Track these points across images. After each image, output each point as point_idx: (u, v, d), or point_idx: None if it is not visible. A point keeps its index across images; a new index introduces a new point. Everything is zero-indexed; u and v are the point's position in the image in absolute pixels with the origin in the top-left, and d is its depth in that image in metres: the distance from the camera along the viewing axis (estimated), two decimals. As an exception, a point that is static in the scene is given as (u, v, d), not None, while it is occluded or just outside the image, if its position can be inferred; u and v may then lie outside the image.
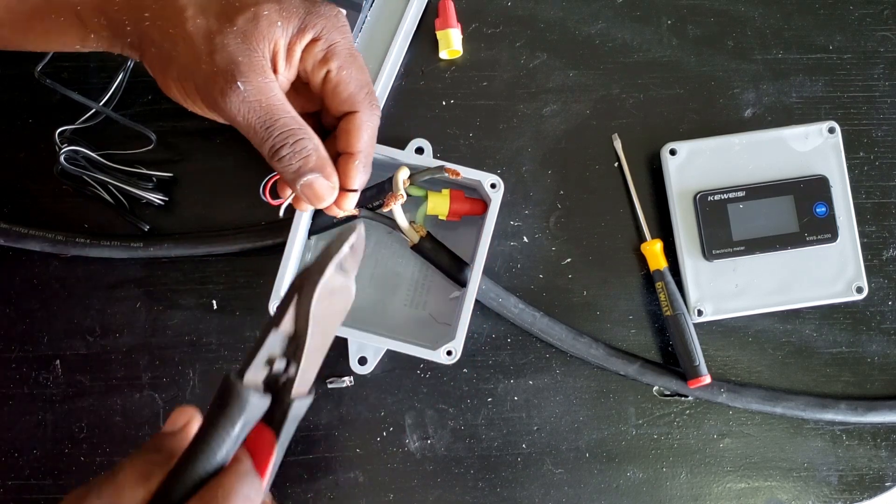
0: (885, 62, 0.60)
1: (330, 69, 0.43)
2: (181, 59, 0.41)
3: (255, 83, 0.41)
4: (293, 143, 0.42)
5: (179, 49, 0.41)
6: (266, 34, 0.41)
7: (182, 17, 0.40)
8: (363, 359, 0.55)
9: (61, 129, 0.54)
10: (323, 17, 0.43)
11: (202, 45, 0.40)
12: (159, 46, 0.41)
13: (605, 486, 0.57)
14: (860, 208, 0.58)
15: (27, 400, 0.56)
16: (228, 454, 0.37)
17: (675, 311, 0.55)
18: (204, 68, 0.40)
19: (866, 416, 0.56)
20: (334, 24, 0.43)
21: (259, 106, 0.41)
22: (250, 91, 0.41)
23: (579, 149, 0.59)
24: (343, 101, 0.44)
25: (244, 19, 0.41)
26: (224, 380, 0.37)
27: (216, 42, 0.40)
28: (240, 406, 0.37)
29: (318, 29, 0.43)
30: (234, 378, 0.37)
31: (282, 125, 0.42)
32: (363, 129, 0.45)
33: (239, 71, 0.40)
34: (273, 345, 0.39)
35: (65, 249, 0.55)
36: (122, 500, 0.35)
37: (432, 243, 0.54)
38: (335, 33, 0.43)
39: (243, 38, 0.41)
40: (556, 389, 0.57)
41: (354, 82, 0.44)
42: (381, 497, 0.56)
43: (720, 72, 0.60)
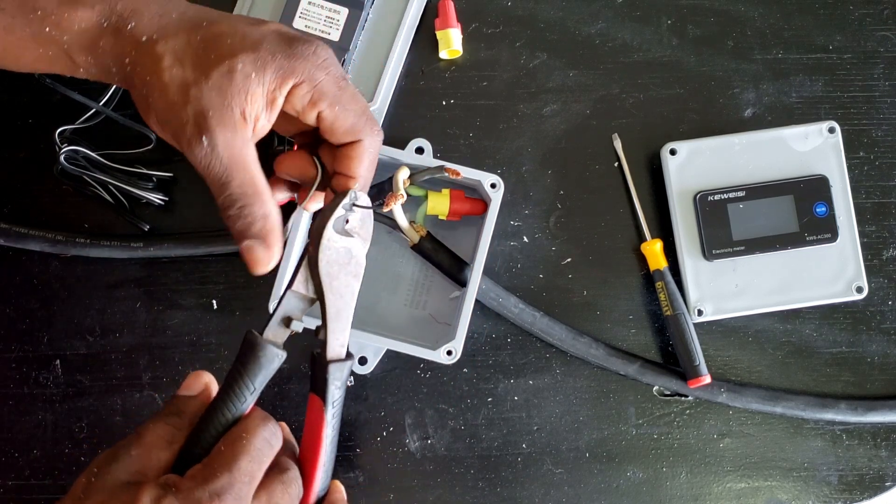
0: (885, 62, 0.60)
1: (321, 110, 0.43)
2: (158, 105, 0.42)
3: (220, 139, 0.42)
4: (240, 206, 0.43)
5: (156, 96, 0.42)
6: (241, 88, 0.42)
7: (159, 66, 0.41)
8: (363, 359, 0.55)
9: (61, 129, 0.54)
10: (301, 59, 0.42)
11: (176, 95, 0.41)
12: (139, 91, 0.42)
13: (605, 485, 0.57)
14: (860, 208, 0.58)
15: (27, 400, 0.56)
16: (249, 404, 0.40)
17: (675, 310, 0.55)
18: (178, 118, 0.41)
19: (866, 415, 0.56)
20: (314, 63, 0.43)
21: (220, 163, 0.42)
22: (214, 146, 0.41)
23: (579, 149, 0.59)
24: (343, 135, 0.44)
25: (219, 73, 0.41)
26: (245, 336, 0.41)
27: (190, 94, 0.41)
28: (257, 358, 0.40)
29: (299, 74, 0.42)
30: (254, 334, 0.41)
31: (235, 186, 0.42)
32: (365, 157, 0.45)
33: (207, 126, 0.41)
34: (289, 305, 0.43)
35: (65, 249, 0.55)
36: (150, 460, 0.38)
37: (432, 243, 0.54)
38: (317, 72, 0.43)
39: (217, 92, 0.41)
40: (556, 389, 0.57)
41: (350, 115, 0.44)
42: (381, 497, 0.56)
43: (720, 72, 0.60)
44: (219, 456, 0.38)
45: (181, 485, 0.37)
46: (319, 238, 0.42)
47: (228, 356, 0.57)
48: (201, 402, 0.41)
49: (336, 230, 0.43)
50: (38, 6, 0.42)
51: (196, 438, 0.40)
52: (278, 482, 0.40)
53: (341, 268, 0.43)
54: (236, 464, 0.38)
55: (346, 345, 0.44)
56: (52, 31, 0.42)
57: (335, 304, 0.43)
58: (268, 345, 0.41)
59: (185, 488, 0.36)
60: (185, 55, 0.42)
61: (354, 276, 0.44)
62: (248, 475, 0.38)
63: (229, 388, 0.40)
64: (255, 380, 0.40)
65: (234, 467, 0.38)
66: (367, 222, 0.45)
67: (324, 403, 0.42)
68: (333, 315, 0.43)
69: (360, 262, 0.44)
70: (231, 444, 0.39)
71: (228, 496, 0.37)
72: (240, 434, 0.39)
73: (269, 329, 0.42)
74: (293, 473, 0.41)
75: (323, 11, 0.55)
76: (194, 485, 0.37)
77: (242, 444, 0.39)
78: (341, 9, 0.55)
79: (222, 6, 0.57)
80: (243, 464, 0.38)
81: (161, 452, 0.38)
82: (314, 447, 0.43)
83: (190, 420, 0.40)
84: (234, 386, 0.40)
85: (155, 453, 0.38)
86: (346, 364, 0.43)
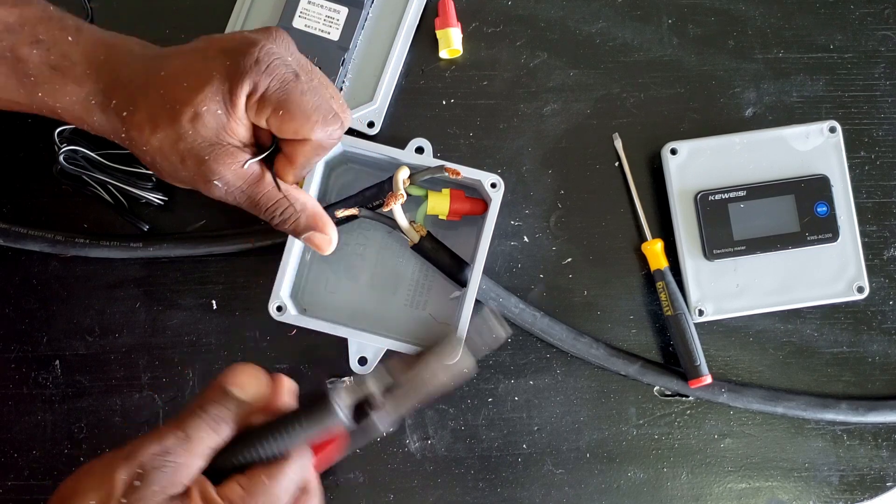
0: (885, 61, 0.60)
1: (266, 117, 0.44)
2: (162, 167, 0.45)
3: (227, 175, 0.44)
4: (280, 212, 0.47)
5: (157, 160, 0.45)
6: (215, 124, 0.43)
7: (143, 135, 0.44)
8: (363, 359, 0.54)
9: (60, 129, 0.54)
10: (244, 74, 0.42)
11: (171, 155, 0.44)
12: (142, 158, 0.45)
13: (606, 486, 0.57)
14: (861, 208, 0.58)
15: (27, 400, 0.56)
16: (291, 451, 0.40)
17: (675, 310, 0.55)
18: (183, 173, 0.45)
19: (867, 416, 0.56)
20: (258, 72, 0.43)
21: (240, 192, 0.46)
22: (227, 183, 0.45)
23: (580, 148, 0.59)
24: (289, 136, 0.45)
25: (189, 120, 0.43)
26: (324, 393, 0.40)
27: (181, 149, 0.43)
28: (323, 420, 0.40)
29: (247, 86, 0.43)
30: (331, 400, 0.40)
31: (265, 201, 0.46)
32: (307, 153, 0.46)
33: (210, 170, 0.44)
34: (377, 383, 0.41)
35: (64, 249, 0.55)
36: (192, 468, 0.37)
37: (432, 243, 0.54)
38: (262, 80, 0.43)
39: (198, 137, 0.43)
40: (556, 389, 0.57)
41: (296, 119, 0.44)
42: (382, 497, 0.56)
43: (721, 71, 0.60)
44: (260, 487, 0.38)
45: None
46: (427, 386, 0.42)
47: (228, 356, 0.56)
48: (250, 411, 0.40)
49: None
50: (31, 73, 0.44)
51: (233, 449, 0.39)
52: None
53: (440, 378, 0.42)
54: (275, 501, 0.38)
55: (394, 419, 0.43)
56: (46, 97, 0.44)
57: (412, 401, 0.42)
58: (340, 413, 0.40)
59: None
60: (158, 116, 0.43)
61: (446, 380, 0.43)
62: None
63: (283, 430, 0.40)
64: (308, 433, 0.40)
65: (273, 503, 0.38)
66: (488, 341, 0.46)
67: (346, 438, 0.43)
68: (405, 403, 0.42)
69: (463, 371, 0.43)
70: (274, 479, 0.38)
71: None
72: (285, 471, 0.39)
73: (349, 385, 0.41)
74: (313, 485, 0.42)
75: (323, 11, 0.55)
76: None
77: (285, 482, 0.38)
78: (341, 8, 0.55)
79: (221, 5, 0.57)
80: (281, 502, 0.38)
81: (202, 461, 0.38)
82: None
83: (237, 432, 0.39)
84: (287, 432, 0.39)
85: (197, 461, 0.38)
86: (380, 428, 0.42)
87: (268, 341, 0.57)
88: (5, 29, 0.43)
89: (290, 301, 0.53)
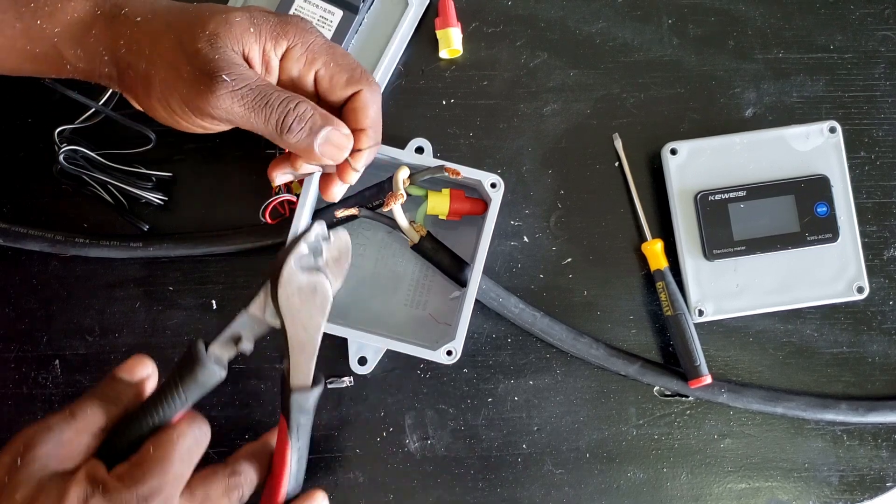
0: (886, 62, 0.60)
1: (318, 69, 0.44)
2: (161, 75, 0.42)
3: (237, 72, 0.41)
4: (295, 107, 0.42)
5: (158, 65, 0.42)
6: (239, 37, 0.42)
7: (157, 35, 0.42)
8: (363, 359, 0.54)
9: (60, 129, 0.54)
10: (293, 25, 0.44)
11: (179, 55, 0.41)
12: (137, 69, 0.42)
13: (606, 486, 0.57)
14: (861, 208, 0.58)
15: (26, 400, 0.56)
16: (178, 414, 0.41)
17: (675, 311, 0.55)
18: (185, 76, 0.41)
19: (867, 416, 0.56)
20: (304, 28, 0.44)
21: (249, 89, 0.42)
22: (236, 80, 0.41)
23: (580, 148, 0.59)
24: (344, 87, 0.45)
25: (216, 23, 0.42)
26: (189, 347, 0.42)
27: (193, 49, 0.41)
28: (194, 375, 0.41)
29: (291, 36, 0.44)
30: (199, 347, 0.42)
31: (277, 96, 0.42)
32: (370, 105, 0.46)
33: (219, 66, 0.41)
34: (241, 324, 0.43)
35: (64, 249, 0.55)
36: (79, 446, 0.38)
37: (432, 243, 0.54)
38: (308, 35, 0.44)
39: (216, 40, 0.42)
40: (556, 389, 0.57)
41: (346, 68, 0.45)
42: (381, 497, 0.56)
43: (721, 71, 0.60)
44: (148, 458, 0.38)
45: (109, 484, 0.36)
46: (278, 274, 0.43)
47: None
48: (137, 393, 0.42)
49: (301, 266, 0.43)
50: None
51: (122, 431, 0.40)
52: (221, 483, 0.41)
53: (304, 301, 0.43)
54: (166, 467, 0.38)
55: (310, 374, 0.44)
56: (44, 23, 0.43)
57: (298, 336, 0.43)
58: (209, 363, 0.41)
59: (113, 489, 0.36)
60: (180, 24, 0.42)
61: (320, 310, 0.44)
62: (178, 477, 0.39)
63: (163, 394, 0.41)
64: (188, 392, 0.41)
65: (164, 470, 0.38)
66: (343, 259, 0.45)
67: (288, 427, 0.44)
68: (297, 347, 0.43)
69: (327, 298, 0.44)
70: (161, 447, 0.38)
71: (157, 500, 0.37)
72: (170, 437, 0.39)
73: (217, 344, 0.43)
74: (241, 479, 0.42)
75: (317, 11, 0.55)
76: (123, 486, 0.37)
77: (172, 447, 0.39)
78: (336, 10, 0.55)
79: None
80: (173, 467, 0.38)
81: (90, 438, 0.38)
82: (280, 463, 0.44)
83: (124, 409, 0.40)
84: (168, 394, 0.41)
85: (84, 438, 0.38)
86: (310, 393, 0.44)
87: (267, 341, 0.57)
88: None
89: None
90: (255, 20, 0.43)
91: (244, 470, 0.43)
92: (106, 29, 0.43)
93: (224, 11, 0.43)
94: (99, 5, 0.43)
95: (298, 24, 0.44)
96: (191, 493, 0.40)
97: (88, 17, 0.43)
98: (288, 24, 0.44)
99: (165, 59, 0.42)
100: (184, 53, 0.41)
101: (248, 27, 0.43)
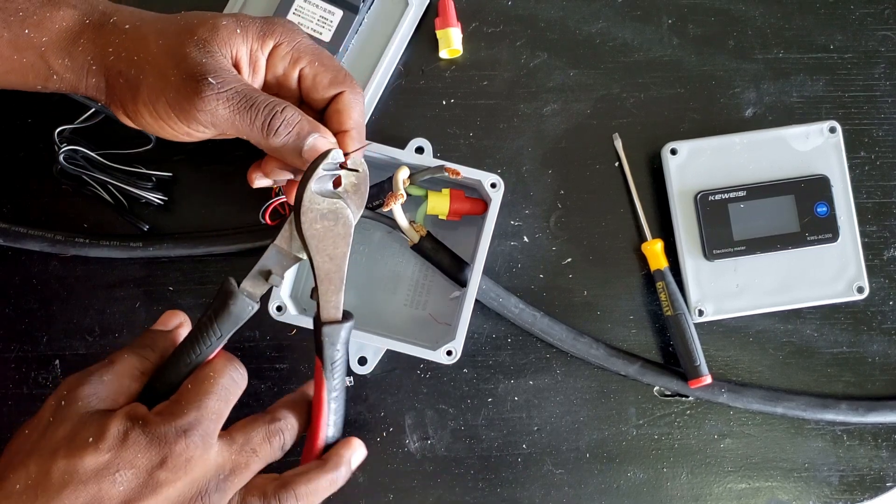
0: (886, 61, 0.60)
1: (302, 67, 0.45)
2: (149, 80, 0.42)
3: (223, 76, 0.42)
4: (282, 111, 0.43)
5: (146, 71, 0.42)
6: (227, 41, 0.43)
7: (146, 42, 0.43)
8: (363, 359, 0.54)
9: (60, 129, 0.54)
10: (279, 25, 0.45)
11: (168, 60, 0.42)
12: (126, 75, 0.43)
13: (606, 486, 0.57)
14: (861, 208, 0.58)
15: (27, 400, 0.56)
16: (214, 349, 0.42)
17: (675, 311, 0.55)
18: (173, 80, 0.42)
19: (867, 416, 0.56)
20: (290, 28, 0.45)
21: (235, 92, 0.42)
22: (222, 83, 0.42)
23: (580, 148, 0.59)
24: (327, 87, 0.46)
25: (204, 29, 0.43)
26: (222, 284, 0.43)
27: (181, 54, 0.42)
28: (228, 307, 0.42)
29: (278, 35, 0.44)
30: (231, 283, 0.43)
31: (263, 99, 0.42)
32: (352, 106, 0.46)
33: (206, 70, 0.42)
34: (270, 259, 0.44)
35: (64, 249, 0.55)
36: (120, 387, 0.39)
37: (432, 243, 0.54)
38: (294, 35, 0.45)
39: (205, 45, 0.42)
40: (556, 390, 0.57)
41: (330, 69, 0.46)
42: (381, 497, 0.56)
43: (721, 71, 0.60)
44: (186, 393, 0.40)
45: (149, 418, 0.38)
46: (301, 199, 0.43)
47: (228, 356, 0.56)
48: (172, 339, 0.43)
49: (321, 192, 0.43)
50: (20, 7, 0.43)
51: (161, 375, 0.41)
52: (262, 429, 0.42)
53: (328, 230, 0.44)
54: (203, 402, 0.39)
55: (340, 307, 0.45)
56: (32, 32, 0.43)
57: (324, 267, 0.44)
58: (242, 295, 0.42)
59: (152, 422, 0.38)
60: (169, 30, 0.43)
61: (344, 238, 0.44)
62: (215, 413, 0.40)
63: (198, 332, 0.42)
64: (223, 327, 0.42)
65: (202, 405, 0.39)
66: (362, 187, 0.46)
67: (322, 365, 0.44)
68: (323, 277, 0.44)
69: (349, 225, 0.44)
70: (198, 383, 0.40)
71: (195, 433, 0.38)
72: (207, 374, 0.41)
73: (248, 280, 0.44)
74: (282, 425, 0.43)
75: (317, 11, 0.55)
76: (161, 420, 0.38)
77: (210, 383, 0.40)
78: (336, 10, 0.55)
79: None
80: (210, 402, 0.39)
81: (131, 382, 0.40)
82: (317, 406, 0.45)
83: (161, 355, 0.42)
84: (203, 330, 0.42)
85: (125, 382, 0.40)
86: (342, 326, 0.44)
87: (268, 341, 0.57)
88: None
89: (290, 301, 0.53)
90: (242, 23, 0.44)
91: (284, 416, 0.44)
92: (94, 38, 0.43)
93: (211, 18, 0.44)
94: (87, 14, 0.44)
95: (285, 25, 0.45)
96: (230, 438, 0.41)
97: (77, 27, 0.43)
98: (274, 24, 0.45)
99: (154, 64, 0.42)
100: (172, 59, 0.42)
101: (235, 29, 0.44)
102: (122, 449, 0.37)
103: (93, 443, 0.36)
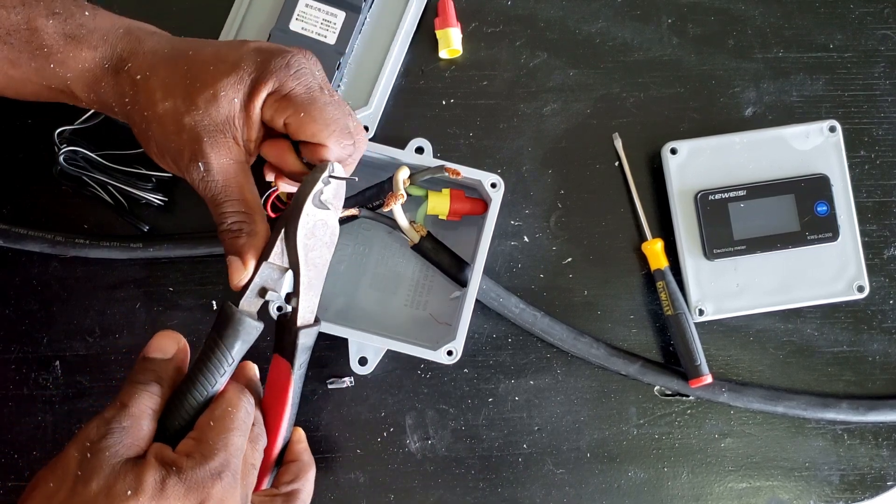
0: (885, 61, 0.60)
1: (287, 118, 0.44)
2: (157, 137, 0.44)
3: (215, 164, 0.44)
4: (231, 222, 0.45)
5: (154, 128, 0.44)
6: (228, 113, 0.44)
7: (153, 99, 0.44)
8: (363, 359, 0.54)
9: (60, 130, 0.54)
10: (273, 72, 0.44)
11: (171, 125, 0.44)
12: (139, 126, 0.45)
13: (607, 486, 0.57)
14: (861, 207, 0.58)
15: (27, 401, 0.56)
16: (227, 376, 0.42)
17: (676, 310, 0.55)
18: (173, 146, 0.44)
19: (868, 415, 0.56)
20: (286, 74, 0.44)
21: (214, 184, 0.44)
22: (210, 170, 0.44)
23: (580, 148, 0.59)
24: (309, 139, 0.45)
25: (204, 100, 0.43)
26: (222, 308, 0.43)
27: (184, 122, 0.43)
28: (236, 330, 0.42)
29: (272, 84, 0.44)
30: (231, 307, 0.42)
31: (228, 206, 0.45)
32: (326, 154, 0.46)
33: (201, 151, 0.44)
34: (265, 276, 0.44)
35: (64, 250, 0.55)
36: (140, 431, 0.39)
37: (432, 243, 0.54)
38: (290, 81, 0.44)
39: (206, 117, 0.43)
40: (557, 389, 0.57)
41: (315, 124, 0.44)
42: (382, 497, 0.56)
43: (721, 71, 0.60)
44: (209, 431, 0.39)
45: (181, 463, 0.37)
46: (299, 212, 0.44)
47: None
48: (176, 367, 0.42)
49: (314, 204, 0.44)
50: (45, 43, 0.44)
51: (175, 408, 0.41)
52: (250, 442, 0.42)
53: (317, 239, 0.45)
54: (229, 439, 0.39)
55: (314, 311, 0.46)
56: (57, 68, 0.45)
57: (308, 275, 0.45)
58: (245, 317, 0.42)
59: (186, 467, 0.37)
60: (175, 87, 0.44)
61: (328, 246, 0.45)
62: (240, 449, 0.40)
63: (208, 360, 0.41)
64: (233, 351, 0.42)
65: (228, 443, 0.39)
66: (340, 192, 0.46)
67: (291, 365, 0.45)
68: (306, 284, 0.44)
69: (335, 233, 0.46)
70: (219, 420, 0.40)
71: (227, 473, 0.38)
72: (225, 409, 0.40)
73: (245, 300, 0.44)
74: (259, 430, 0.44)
75: (320, 14, 0.55)
76: (195, 464, 0.38)
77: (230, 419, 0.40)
78: (338, 12, 0.55)
79: (218, 7, 0.57)
80: (234, 438, 0.39)
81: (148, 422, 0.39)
82: (279, 405, 0.45)
83: (169, 386, 0.41)
84: (214, 358, 0.41)
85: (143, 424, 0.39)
86: (314, 329, 0.45)
87: (268, 341, 0.57)
88: (21, 2, 0.44)
89: (291, 301, 0.53)
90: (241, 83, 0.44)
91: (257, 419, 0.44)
92: (113, 84, 0.45)
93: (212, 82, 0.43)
94: (106, 58, 0.45)
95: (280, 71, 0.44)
96: None
97: (97, 70, 0.45)
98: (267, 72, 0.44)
99: (160, 124, 0.44)
100: (174, 124, 0.43)
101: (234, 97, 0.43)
102: (162, 499, 0.36)
103: (132, 496, 0.36)
